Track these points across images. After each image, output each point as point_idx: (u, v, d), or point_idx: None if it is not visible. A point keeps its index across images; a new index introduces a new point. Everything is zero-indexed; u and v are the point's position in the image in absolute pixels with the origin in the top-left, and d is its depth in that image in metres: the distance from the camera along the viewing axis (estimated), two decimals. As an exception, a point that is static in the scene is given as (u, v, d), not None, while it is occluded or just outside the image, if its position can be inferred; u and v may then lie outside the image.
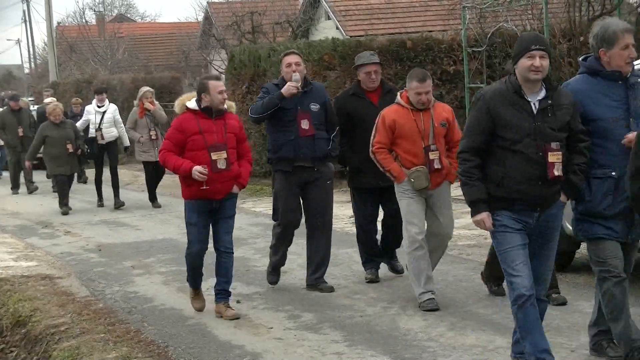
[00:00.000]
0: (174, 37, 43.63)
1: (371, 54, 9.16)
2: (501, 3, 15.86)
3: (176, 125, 7.94)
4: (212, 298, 8.83)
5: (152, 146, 15.59)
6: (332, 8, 28.72)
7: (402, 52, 17.24)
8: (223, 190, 7.92)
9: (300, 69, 8.61)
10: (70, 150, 15.63)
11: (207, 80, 7.94)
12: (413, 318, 7.62)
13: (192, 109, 7.90)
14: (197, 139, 7.80)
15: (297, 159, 8.58)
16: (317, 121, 8.62)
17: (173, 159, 7.85)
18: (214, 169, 7.77)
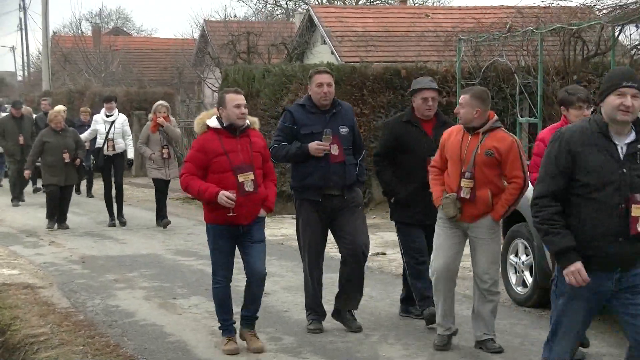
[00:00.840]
0: (169, 53, 43.64)
1: (430, 79, 8.46)
2: (497, 37, 15.94)
3: (198, 146, 7.36)
4: (194, 316, 8.80)
5: (164, 164, 14.88)
6: (329, 33, 28.81)
7: (395, 80, 17.30)
8: (250, 214, 7.34)
9: (331, 90, 7.99)
10: (67, 159, 14.91)
11: (225, 94, 7.39)
12: (394, 346, 7.61)
13: (213, 127, 7.34)
14: (222, 160, 7.23)
15: (326, 187, 7.94)
16: (347, 145, 8.05)
17: (197, 184, 7.25)
18: (241, 192, 7.20)
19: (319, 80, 8.00)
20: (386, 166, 8.32)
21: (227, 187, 7.17)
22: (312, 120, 7.97)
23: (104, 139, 15.55)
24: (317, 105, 8.02)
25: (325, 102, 7.99)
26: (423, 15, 31.26)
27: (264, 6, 47.87)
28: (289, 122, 8.03)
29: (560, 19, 15.33)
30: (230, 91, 7.41)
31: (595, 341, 7.63)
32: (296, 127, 8.00)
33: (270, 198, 7.51)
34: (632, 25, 13.94)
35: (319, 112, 8.02)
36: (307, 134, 7.94)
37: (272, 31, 32.48)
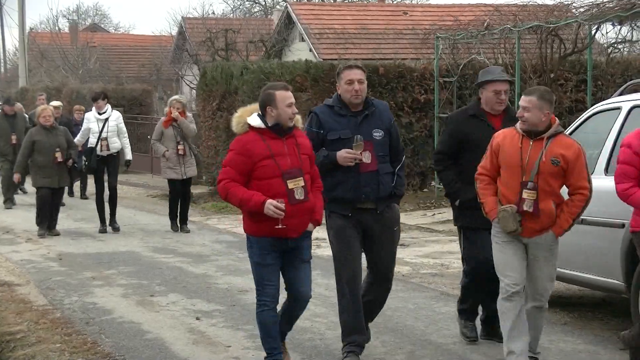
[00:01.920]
0: (147, 50, 43.56)
1: (501, 70, 7.59)
2: (474, 35, 15.99)
3: (239, 148, 6.40)
4: (172, 313, 8.79)
5: (179, 162, 13.95)
6: (307, 30, 28.82)
7: (374, 78, 17.32)
8: (300, 226, 6.47)
9: (363, 88, 6.96)
10: (59, 159, 13.81)
11: (273, 91, 6.44)
12: (372, 343, 7.61)
13: (256, 126, 6.43)
14: (269, 164, 6.32)
15: (357, 200, 6.93)
16: (381, 152, 7.00)
17: (239, 192, 6.32)
18: (291, 200, 6.33)
19: (349, 77, 6.97)
20: (449, 165, 7.47)
21: (275, 196, 6.28)
22: (341, 123, 6.96)
23: (97, 138, 14.33)
24: (347, 106, 7.00)
25: (356, 101, 6.96)
26: (401, 13, 31.35)
27: (242, 3, 47.82)
28: (315, 127, 7.00)
29: (537, 17, 15.39)
30: (279, 87, 6.49)
31: (572, 338, 7.67)
32: (323, 132, 6.97)
33: (318, 209, 6.63)
34: (608, 23, 14.04)
35: (349, 114, 6.98)
36: (335, 139, 6.94)
37: (251, 28, 32.45)
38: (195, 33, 34.53)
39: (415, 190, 17.55)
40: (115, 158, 14.58)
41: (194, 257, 12.02)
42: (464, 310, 7.62)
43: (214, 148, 20.29)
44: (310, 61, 18.66)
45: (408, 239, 13.29)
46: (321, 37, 28.44)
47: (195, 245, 12.98)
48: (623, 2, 13.21)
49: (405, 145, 17.34)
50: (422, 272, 10.81)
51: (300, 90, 17.60)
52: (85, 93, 28.89)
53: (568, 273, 8.00)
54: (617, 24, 14.28)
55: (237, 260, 11.77)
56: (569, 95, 16.77)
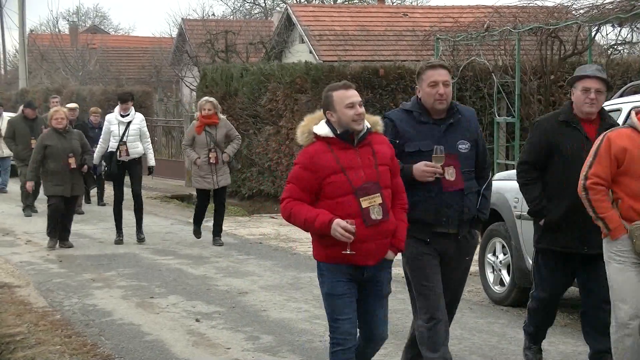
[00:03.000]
0: (147, 52, 43.60)
1: (597, 68, 6.57)
2: (474, 37, 15.99)
3: (303, 162, 5.47)
4: (172, 315, 8.79)
5: (210, 171, 12.85)
6: (307, 32, 28.83)
7: (374, 79, 17.32)
8: (377, 252, 5.48)
9: (449, 92, 5.98)
10: (73, 165, 12.75)
11: (331, 92, 5.55)
12: (372, 345, 7.61)
13: (323, 135, 5.49)
14: (338, 179, 5.39)
15: (437, 224, 5.94)
16: (467, 167, 5.99)
17: (303, 211, 5.42)
18: (366, 221, 5.36)
19: (433, 78, 5.98)
20: (535, 178, 6.53)
21: (347, 217, 5.34)
22: (421, 133, 5.95)
23: (118, 142, 13.26)
24: (428, 112, 6.02)
25: (441, 107, 5.96)
26: (401, 15, 31.36)
27: (242, 5, 47.86)
28: (390, 135, 5.88)
29: (537, 19, 15.39)
30: (338, 87, 5.56)
31: (572, 340, 7.67)
32: (399, 141, 5.91)
33: (400, 232, 5.59)
34: (608, 25, 14.03)
35: (431, 122, 5.99)
36: (413, 152, 5.91)
37: (251, 30, 32.51)
38: (195, 35, 34.59)
39: None
40: (138, 163, 13.51)
41: (194, 258, 12.02)
42: (529, 333, 6.89)
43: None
44: (310, 63, 18.66)
45: (408, 240, 13.29)
46: (321, 38, 28.45)
47: (195, 247, 12.97)
48: (623, 3, 13.21)
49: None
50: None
51: (300, 92, 17.64)
52: (85, 95, 28.95)
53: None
54: (617, 26, 14.27)
55: (237, 262, 11.77)
56: (569, 97, 16.77)
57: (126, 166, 13.35)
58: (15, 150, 17.24)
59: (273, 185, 18.98)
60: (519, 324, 8.07)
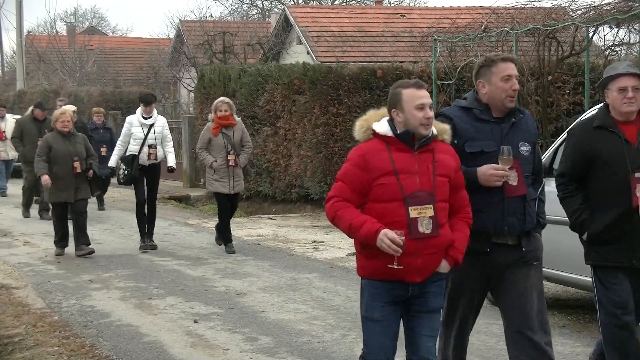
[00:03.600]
0: (145, 53, 43.57)
1: (629, 63, 6.06)
2: (472, 38, 16.00)
3: (356, 158, 5.03)
4: (170, 316, 8.79)
5: (227, 174, 12.32)
6: (304, 33, 28.85)
7: (371, 80, 17.33)
8: (425, 268, 4.97)
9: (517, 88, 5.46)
10: (78, 170, 12.21)
11: (400, 89, 5.05)
12: (370, 346, 7.61)
13: (382, 134, 5.04)
14: (389, 182, 4.90)
15: (498, 233, 5.41)
16: (528, 171, 5.54)
17: (349, 215, 4.92)
18: (412, 233, 4.87)
19: (507, 72, 5.44)
20: (574, 190, 6.00)
21: (391, 225, 4.85)
22: (482, 132, 5.44)
23: (139, 145, 12.73)
24: (489, 110, 5.49)
25: (511, 104, 5.45)
26: (399, 16, 31.40)
27: (240, 6, 47.88)
28: None
29: (535, 20, 15.40)
30: (409, 84, 5.06)
31: (570, 340, 7.68)
32: (458, 141, 5.35)
33: (458, 244, 5.07)
34: (606, 26, 14.03)
35: (492, 121, 5.47)
36: (475, 153, 5.40)
37: (248, 31, 32.52)
38: (193, 36, 34.58)
39: None
40: (158, 168, 13.02)
41: (192, 259, 12.02)
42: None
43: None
44: (308, 64, 18.67)
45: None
46: (319, 39, 28.48)
47: (193, 248, 12.97)
48: (620, 4, 13.22)
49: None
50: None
51: (298, 93, 17.65)
52: (83, 96, 28.95)
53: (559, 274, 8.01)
54: (614, 27, 14.26)
55: (235, 263, 11.77)
56: (567, 98, 16.78)
57: (146, 170, 12.81)
58: (22, 151, 16.82)
59: (271, 187, 18.99)
60: (517, 324, 8.07)
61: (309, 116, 17.25)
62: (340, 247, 12.99)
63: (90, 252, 12.20)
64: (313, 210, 17.58)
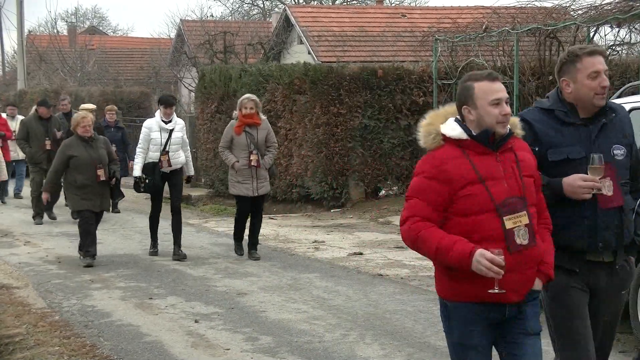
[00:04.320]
0: (145, 53, 43.59)
1: None
2: (473, 38, 16.00)
3: (431, 170, 4.39)
4: (170, 316, 8.79)
5: (250, 175, 11.68)
6: (305, 33, 28.85)
7: (372, 80, 17.33)
8: (523, 284, 4.37)
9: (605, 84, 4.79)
10: (102, 177, 11.52)
11: (472, 82, 4.43)
12: (371, 346, 7.62)
13: (454, 137, 4.41)
14: (476, 192, 4.30)
15: (591, 251, 4.77)
16: (623, 178, 4.87)
17: (434, 236, 4.29)
18: (511, 246, 4.27)
19: (596, 67, 4.78)
20: None
21: (485, 240, 4.26)
22: (568, 137, 4.77)
23: (160, 152, 12.02)
24: (575, 111, 4.85)
25: (602, 102, 4.81)
26: (399, 15, 31.41)
27: (241, 6, 47.89)
28: (528, 140, 4.68)
29: (536, 20, 15.40)
30: (481, 77, 4.44)
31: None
32: (539, 148, 4.75)
33: (549, 257, 4.49)
34: (606, 25, 14.04)
35: (578, 123, 4.83)
36: (559, 161, 4.76)
37: (249, 31, 32.53)
38: (194, 36, 34.60)
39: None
40: (179, 174, 12.40)
41: (193, 259, 12.01)
42: None
43: (212, 151, 20.26)
44: (309, 64, 18.66)
45: (407, 241, 13.30)
46: (320, 39, 28.48)
47: (194, 248, 12.97)
48: (621, 4, 13.22)
49: (403, 148, 17.39)
50: (421, 274, 10.81)
51: (298, 92, 17.64)
52: (84, 96, 28.94)
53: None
54: (615, 26, 14.28)
55: (236, 262, 11.77)
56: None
57: (167, 177, 12.21)
58: (28, 153, 16.20)
59: (271, 186, 18.96)
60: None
61: (309, 116, 17.25)
62: (341, 247, 12.98)
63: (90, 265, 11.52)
64: (314, 210, 17.58)
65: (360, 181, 17.36)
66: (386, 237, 13.83)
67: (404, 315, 8.68)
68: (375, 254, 12.32)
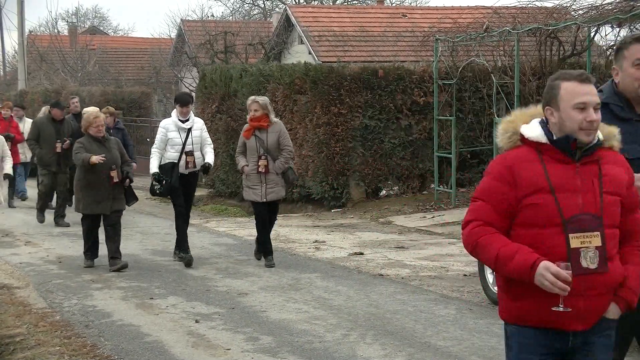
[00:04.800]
0: (146, 53, 43.61)
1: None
2: (473, 38, 16.00)
3: (499, 171, 3.98)
4: (171, 316, 8.79)
5: (259, 181, 11.22)
6: (306, 33, 28.86)
7: (373, 80, 17.33)
8: (590, 312, 3.89)
9: None
10: (116, 179, 11.11)
11: (560, 81, 3.96)
12: (372, 346, 7.62)
13: (533, 139, 3.98)
14: (543, 202, 3.87)
15: None
16: None
17: (495, 243, 3.89)
18: (573, 268, 3.79)
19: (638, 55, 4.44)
20: None
21: (547, 256, 3.81)
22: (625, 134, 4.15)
23: (179, 152, 11.57)
24: (630, 104, 4.52)
25: None
26: (400, 15, 31.43)
27: (241, 5, 47.91)
28: None
29: (536, 20, 15.41)
30: (570, 76, 3.95)
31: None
32: None
33: (632, 282, 3.96)
34: (607, 25, 14.04)
35: (636, 119, 4.50)
36: None
37: (250, 31, 32.54)
38: (195, 35, 34.63)
39: (415, 193, 17.55)
40: (196, 176, 12.10)
41: (194, 259, 12.00)
42: None
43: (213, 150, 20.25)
44: (310, 64, 18.67)
45: (407, 241, 13.30)
46: (320, 39, 28.48)
47: (195, 248, 12.96)
48: (622, 4, 13.23)
49: (404, 148, 17.39)
50: (422, 274, 10.81)
51: (299, 92, 17.64)
52: (84, 96, 28.91)
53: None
54: (616, 26, 14.27)
55: (237, 262, 11.77)
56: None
57: (183, 180, 11.71)
58: (38, 154, 15.77)
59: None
60: (519, 324, 8.09)
61: (310, 116, 17.25)
62: (341, 246, 12.98)
63: (124, 267, 11.17)
64: (314, 210, 17.58)
65: (360, 181, 17.36)
66: (387, 237, 13.83)
67: (405, 315, 8.68)
68: (376, 253, 12.32)
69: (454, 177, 16.48)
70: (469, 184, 17.65)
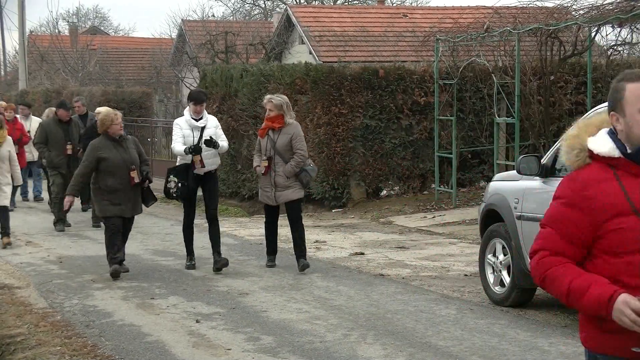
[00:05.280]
0: (147, 53, 43.64)
1: None
2: (474, 38, 16.00)
3: (571, 195, 3.50)
4: (172, 316, 8.80)
5: (270, 183, 10.91)
6: (307, 33, 28.86)
7: (373, 80, 17.33)
8: None
9: None
10: (136, 180, 10.68)
11: (624, 82, 3.47)
12: (372, 346, 7.62)
13: (604, 155, 3.49)
14: (628, 225, 3.40)
15: None
16: None
17: (567, 275, 3.45)
18: None
19: None
20: None
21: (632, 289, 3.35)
22: None
23: None
24: None
25: None
26: (401, 15, 31.43)
27: (242, 6, 47.92)
28: None
29: (537, 20, 15.39)
30: (637, 76, 3.47)
31: (572, 340, 7.67)
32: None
33: None
34: (608, 25, 14.04)
35: None
36: None
37: (250, 31, 32.56)
38: (195, 36, 34.65)
39: (415, 193, 17.56)
40: (214, 178, 11.52)
41: (194, 259, 11.99)
42: None
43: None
44: (310, 64, 18.67)
45: (408, 241, 13.30)
46: (321, 39, 28.48)
47: (196, 248, 12.93)
48: (623, 4, 13.22)
49: (405, 148, 17.39)
50: (422, 274, 10.81)
51: (300, 92, 17.65)
52: (85, 96, 28.92)
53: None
54: (616, 26, 14.27)
55: (237, 262, 11.77)
56: (569, 98, 16.79)
57: (200, 181, 11.30)
58: (48, 157, 15.37)
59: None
60: (519, 324, 8.09)
61: (311, 116, 17.25)
62: (342, 246, 12.98)
63: (125, 271, 10.82)
64: (315, 210, 17.57)
65: (361, 181, 17.37)
66: (387, 237, 13.83)
67: (406, 315, 8.67)
68: (376, 253, 12.32)
69: (455, 177, 16.48)
70: (469, 184, 17.67)
